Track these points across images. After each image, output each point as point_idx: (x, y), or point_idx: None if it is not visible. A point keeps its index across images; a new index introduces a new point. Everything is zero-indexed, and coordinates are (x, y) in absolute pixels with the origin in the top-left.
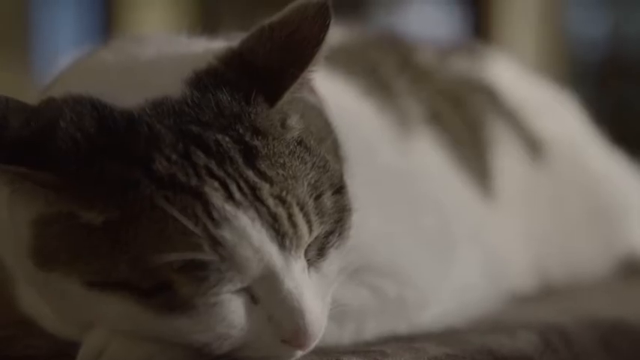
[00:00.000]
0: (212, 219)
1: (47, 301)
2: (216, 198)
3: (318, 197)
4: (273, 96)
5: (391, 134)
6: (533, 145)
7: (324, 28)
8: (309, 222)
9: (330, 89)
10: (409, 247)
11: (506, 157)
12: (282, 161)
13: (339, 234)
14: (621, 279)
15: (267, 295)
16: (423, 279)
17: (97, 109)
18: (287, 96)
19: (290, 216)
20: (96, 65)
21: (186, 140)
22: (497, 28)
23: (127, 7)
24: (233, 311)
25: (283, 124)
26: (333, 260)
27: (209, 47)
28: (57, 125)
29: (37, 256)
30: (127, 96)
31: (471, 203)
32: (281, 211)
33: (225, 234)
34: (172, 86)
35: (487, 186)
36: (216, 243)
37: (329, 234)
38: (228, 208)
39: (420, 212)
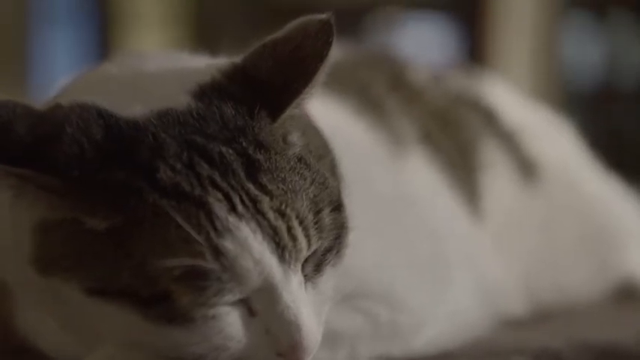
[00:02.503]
0: (215, 229)
1: (47, 310)
2: (219, 208)
3: (317, 213)
4: (275, 111)
5: (383, 154)
6: (528, 168)
7: (327, 45)
8: (307, 236)
9: (322, 109)
10: (403, 272)
11: (500, 180)
12: (282, 176)
13: (337, 252)
14: (615, 303)
15: (264, 308)
16: (416, 303)
17: (103, 117)
18: (289, 111)
19: (289, 229)
20: (101, 77)
21: (191, 151)
22: (492, 53)
23: (124, 28)
24: (230, 323)
25: (285, 140)
26: (330, 277)
27: (212, 62)
28: (63, 130)
29: (38, 261)
30: (131, 106)
31: (464, 226)
32: (281, 224)
33: (227, 244)
34: (177, 98)
35: (477, 208)
36: (218, 252)
37: (327, 251)
38: (231, 219)
39: (413, 237)
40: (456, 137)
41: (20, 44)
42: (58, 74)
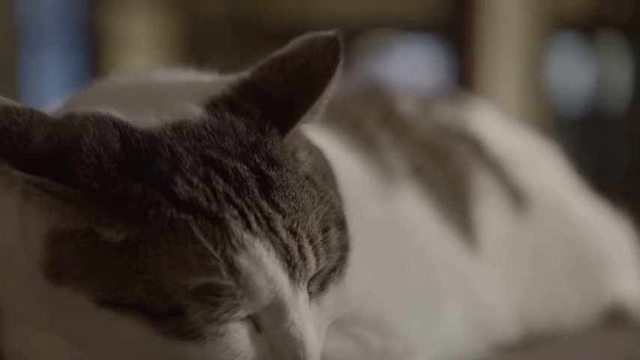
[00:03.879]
0: (231, 245)
1: (52, 320)
2: (235, 225)
3: (325, 231)
4: (285, 126)
5: (376, 187)
6: (517, 196)
7: (335, 62)
8: (316, 255)
9: (318, 142)
10: (395, 299)
11: (490, 209)
12: (294, 194)
13: (340, 271)
14: (604, 328)
15: (272, 325)
16: (408, 331)
17: (119, 128)
18: (297, 126)
19: (300, 248)
20: (112, 87)
21: (207, 165)
22: (480, 76)
23: (113, 52)
24: (238, 340)
25: (294, 157)
26: (332, 295)
27: (220, 77)
28: (81, 140)
29: (50, 269)
30: (145, 117)
31: (455, 255)
32: (292, 243)
33: (243, 261)
34: (190, 110)
35: (470, 238)
36: (232, 269)
37: (332, 270)
38: (246, 236)
39: (406, 264)
40: (446, 169)
41: (9, 69)
42: (47, 99)
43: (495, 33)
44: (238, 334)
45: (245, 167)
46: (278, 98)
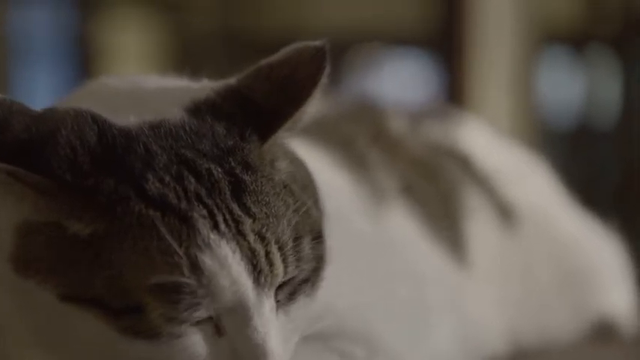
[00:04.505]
0: (196, 244)
1: (19, 312)
2: (202, 225)
3: (296, 240)
4: (266, 133)
5: (366, 206)
6: (506, 212)
7: (320, 71)
8: (285, 262)
9: (308, 159)
10: (381, 314)
11: (480, 225)
12: (267, 200)
13: (313, 283)
14: (593, 343)
15: (233, 328)
16: (395, 346)
17: (97, 123)
18: (279, 134)
19: (267, 253)
20: (100, 86)
21: (180, 165)
22: (469, 90)
23: (105, 66)
24: (195, 343)
25: (272, 165)
26: (302, 306)
27: (207, 83)
28: (58, 132)
29: (17, 262)
30: (125, 116)
31: (445, 271)
32: (260, 248)
33: (207, 260)
34: (170, 111)
35: (460, 255)
36: (196, 267)
37: (303, 281)
38: (212, 236)
39: (393, 280)
40: (436, 186)
41: (0, 83)
42: None
43: (485, 47)
44: (196, 338)
45: (219, 169)
46: (262, 105)
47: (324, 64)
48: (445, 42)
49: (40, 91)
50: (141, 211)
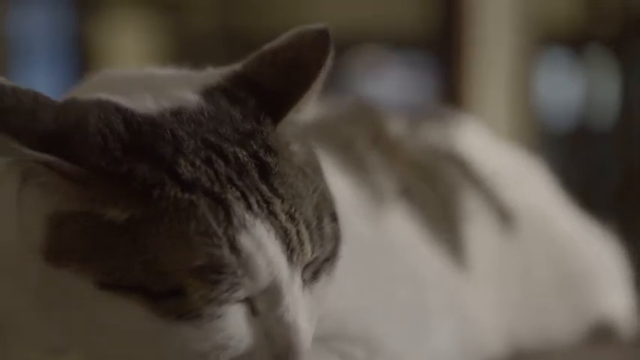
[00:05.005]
0: (232, 225)
1: (47, 306)
2: (238, 206)
3: (319, 220)
4: (277, 116)
5: (365, 208)
6: (504, 215)
7: (325, 53)
8: (312, 241)
9: None
10: (381, 315)
11: (479, 228)
12: (290, 181)
13: (332, 262)
14: (592, 344)
15: (267, 309)
16: (395, 348)
17: (121, 112)
18: (289, 116)
19: (298, 232)
20: (107, 77)
21: (208, 149)
22: (467, 92)
23: (104, 67)
24: (234, 323)
25: (288, 148)
26: (323, 285)
27: (211, 71)
28: (86, 121)
29: (49, 252)
30: (142, 103)
31: (445, 274)
32: (291, 227)
33: (244, 241)
34: (186, 97)
35: (460, 257)
36: (234, 248)
37: (325, 260)
38: (248, 217)
39: (393, 282)
40: (435, 189)
41: None
42: None
43: (484, 47)
44: (235, 317)
45: (244, 152)
46: (269, 89)
47: (327, 46)
48: (444, 43)
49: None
50: (176, 194)
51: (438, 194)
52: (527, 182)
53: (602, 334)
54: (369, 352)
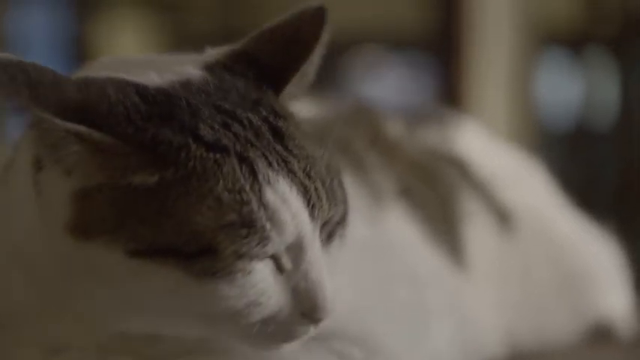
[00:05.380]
0: (258, 181)
1: (70, 286)
2: (261, 163)
3: (331, 180)
4: (278, 87)
5: (364, 208)
6: (503, 216)
7: (321, 26)
8: (328, 199)
9: None
10: (380, 316)
11: (478, 229)
12: (302, 144)
13: (344, 226)
14: (591, 345)
15: (293, 265)
16: (394, 348)
17: (132, 85)
18: (289, 88)
19: (316, 189)
20: (107, 61)
21: (223, 114)
22: (468, 93)
23: None
24: (264, 279)
25: (294, 117)
26: (337, 248)
27: (210, 51)
28: (107, 93)
29: (77, 227)
30: (150, 78)
31: (444, 274)
32: (309, 184)
33: (270, 196)
34: (190, 71)
35: (459, 258)
36: (261, 203)
37: (338, 223)
38: (271, 173)
39: (394, 282)
40: (434, 190)
41: None
42: None
43: (483, 48)
44: (264, 273)
45: (256, 117)
46: (268, 64)
47: (324, 21)
48: (443, 43)
49: None
50: (202, 155)
51: (437, 195)
52: (526, 183)
53: (601, 334)
54: (368, 353)
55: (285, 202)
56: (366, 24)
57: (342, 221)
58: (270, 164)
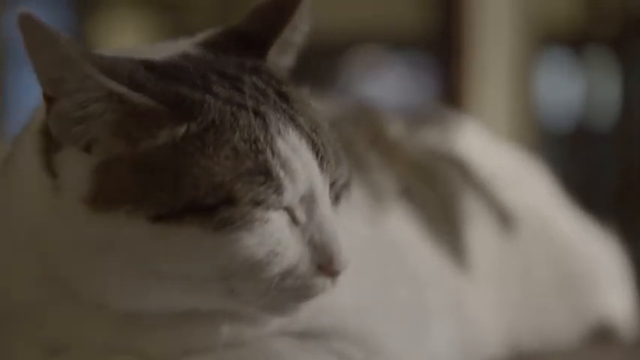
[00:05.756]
0: (269, 132)
1: (94, 262)
2: (273, 116)
3: (335, 142)
4: (263, 52)
5: (365, 207)
6: (504, 217)
7: None
8: (334, 156)
9: None
10: (381, 316)
11: (479, 230)
12: (305, 107)
13: (348, 190)
14: (592, 345)
15: (307, 217)
16: (392, 348)
17: (137, 62)
18: (272, 55)
19: (322, 144)
20: (109, 50)
21: (229, 78)
22: (468, 93)
23: None
24: (281, 228)
25: (290, 83)
26: (343, 212)
27: (200, 35)
28: (119, 62)
29: (98, 201)
30: (151, 57)
31: (445, 275)
32: (316, 139)
33: (281, 145)
34: (185, 47)
35: (461, 259)
36: (274, 152)
37: (343, 186)
38: (282, 126)
39: (393, 282)
40: (435, 190)
41: None
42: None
43: (483, 48)
44: (280, 223)
45: (260, 80)
46: (253, 35)
47: None
48: (443, 43)
49: (35, 92)
50: (221, 107)
51: (437, 195)
52: (526, 183)
53: (602, 335)
54: (368, 352)
55: (295, 152)
56: (366, 24)
57: (347, 184)
58: (279, 118)
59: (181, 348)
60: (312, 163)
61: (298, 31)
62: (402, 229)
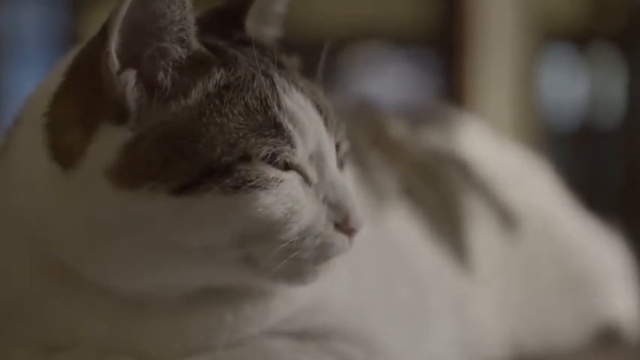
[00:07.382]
0: (277, 90)
1: (111, 237)
2: (279, 77)
3: (334, 110)
4: (241, 22)
5: (367, 206)
6: (506, 217)
7: None
8: (337, 117)
9: None
10: (381, 316)
11: (481, 230)
12: (302, 81)
13: (348, 158)
14: (596, 347)
15: (318, 176)
16: (394, 348)
17: None
18: (253, 19)
19: (325, 106)
20: None
21: (231, 48)
22: (471, 91)
23: None
24: (295, 187)
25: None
26: (347, 176)
27: None
28: None
29: (122, 178)
30: None
31: (447, 275)
32: (319, 101)
33: (288, 102)
34: None
35: (463, 259)
36: (281, 107)
37: (345, 154)
38: (287, 85)
39: (394, 282)
40: (436, 190)
41: None
42: None
43: (486, 45)
44: (294, 183)
45: (257, 51)
46: (231, 8)
47: None
48: (446, 40)
49: (30, 90)
50: (245, 66)
51: (439, 195)
52: (530, 182)
53: (606, 336)
54: (369, 352)
55: (301, 108)
56: (367, 20)
57: (348, 154)
58: (284, 80)
59: (181, 348)
60: (318, 120)
61: (279, 1)
62: (404, 228)
